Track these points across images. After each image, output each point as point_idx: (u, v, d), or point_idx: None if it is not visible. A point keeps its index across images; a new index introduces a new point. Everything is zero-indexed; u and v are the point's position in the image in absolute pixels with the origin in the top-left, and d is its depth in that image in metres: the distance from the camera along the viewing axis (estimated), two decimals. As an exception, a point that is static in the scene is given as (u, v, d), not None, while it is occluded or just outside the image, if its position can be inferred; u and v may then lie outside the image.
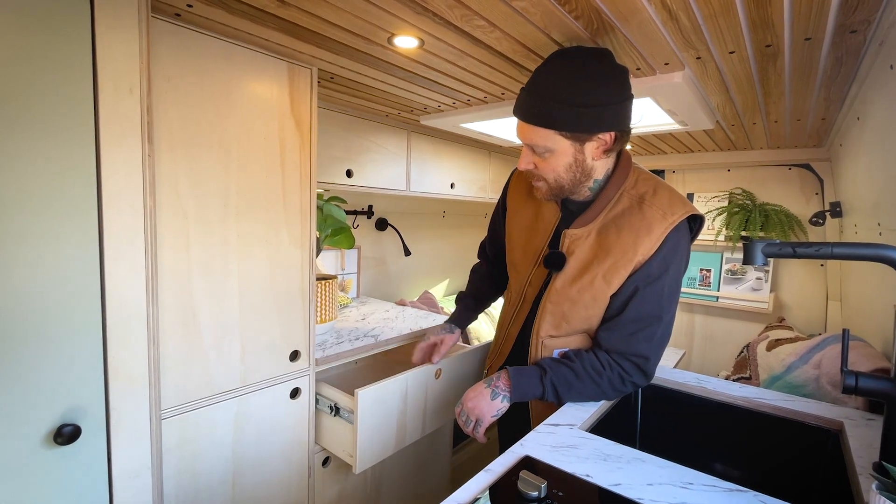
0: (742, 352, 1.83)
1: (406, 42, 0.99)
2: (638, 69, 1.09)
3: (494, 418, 0.98)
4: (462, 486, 0.69)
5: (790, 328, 1.96)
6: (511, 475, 0.71)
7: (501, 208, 1.22)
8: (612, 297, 0.96)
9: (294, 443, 1.22)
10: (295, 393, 1.21)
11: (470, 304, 1.33)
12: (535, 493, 0.65)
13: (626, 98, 0.88)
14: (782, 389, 1.22)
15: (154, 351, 0.85)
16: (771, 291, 2.13)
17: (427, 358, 1.27)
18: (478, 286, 1.34)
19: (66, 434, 0.72)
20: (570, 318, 0.99)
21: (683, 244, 0.95)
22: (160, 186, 0.90)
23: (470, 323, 1.33)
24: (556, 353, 1.02)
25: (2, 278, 0.67)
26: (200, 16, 0.91)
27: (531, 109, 0.87)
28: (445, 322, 1.32)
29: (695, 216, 0.95)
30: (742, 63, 1.04)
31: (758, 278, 2.17)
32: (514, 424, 1.13)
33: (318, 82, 1.30)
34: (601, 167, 0.95)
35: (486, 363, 1.29)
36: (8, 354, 0.68)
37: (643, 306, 0.93)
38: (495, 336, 1.22)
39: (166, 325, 0.93)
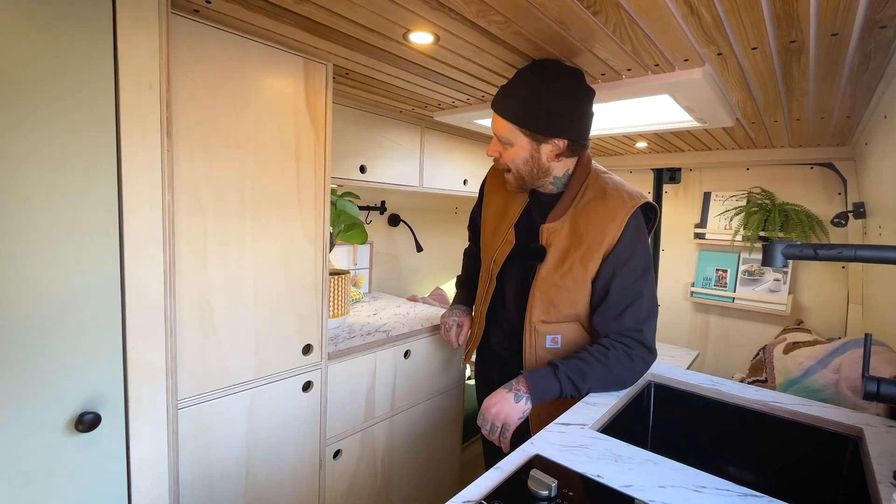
0: (758, 354, 1.79)
1: (421, 38, 0.98)
2: (656, 65, 1.07)
3: (520, 420, 1.00)
4: (472, 483, 0.69)
5: (808, 331, 1.91)
6: (521, 474, 0.71)
7: (479, 198, 1.37)
8: (594, 282, 1.06)
9: (306, 435, 1.24)
10: (307, 386, 1.23)
11: (469, 286, 1.49)
12: (545, 493, 0.65)
13: (583, 114, 1.02)
14: (799, 393, 1.20)
15: (171, 342, 0.86)
16: (789, 293, 2.09)
17: (457, 340, 1.43)
18: (473, 268, 1.49)
19: (87, 422, 0.74)
20: (556, 302, 1.09)
21: (643, 227, 1.08)
22: (178, 181, 0.91)
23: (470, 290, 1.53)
24: (549, 340, 1.10)
25: (27, 271, 0.69)
26: (219, 12, 0.92)
27: (501, 102, 1.02)
28: (455, 306, 1.49)
29: (649, 204, 1.08)
30: (765, 59, 1.01)
31: (776, 280, 2.13)
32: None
33: (334, 78, 1.31)
34: (559, 168, 1.08)
35: (465, 346, 1.43)
36: (33, 344, 0.70)
37: (623, 286, 1.04)
38: (473, 320, 1.36)
39: (183, 318, 0.94)
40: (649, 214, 1.10)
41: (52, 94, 0.69)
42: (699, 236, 2.32)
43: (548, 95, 0.97)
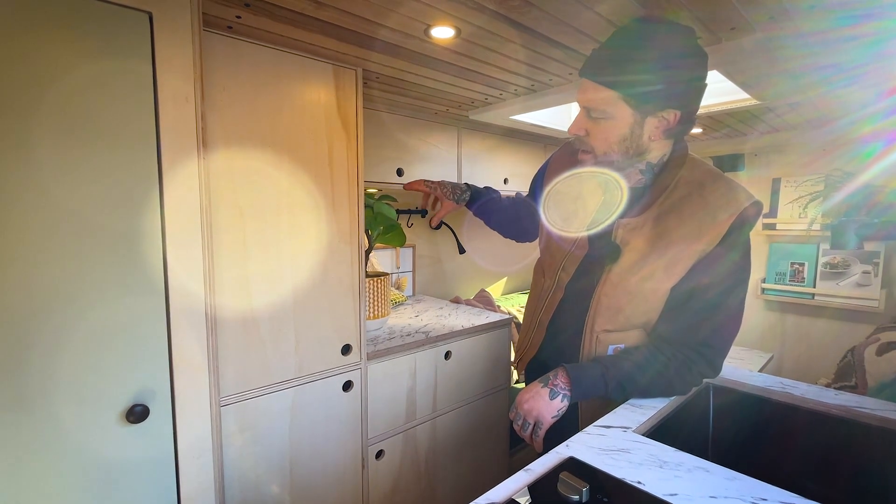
0: (846, 356, 1.59)
1: (443, 32, 0.98)
2: (699, 38, 0.98)
3: (555, 419, 0.92)
4: (499, 484, 0.66)
5: (908, 330, 1.66)
6: (552, 476, 0.66)
7: (536, 190, 1.17)
8: (673, 288, 0.90)
9: (348, 434, 1.25)
10: (347, 385, 1.24)
11: (496, 198, 1.27)
12: (576, 497, 0.60)
13: (699, 80, 0.85)
14: (893, 399, 1.04)
15: (213, 341, 0.91)
16: (882, 287, 1.83)
17: (425, 199, 1.26)
18: (514, 202, 1.30)
19: (137, 413, 0.80)
20: (627, 311, 0.94)
21: (746, 232, 0.88)
22: (219, 187, 0.96)
23: (479, 205, 1.27)
24: (610, 350, 0.96)
25: (83, 273, 0.75)
26: (249, 26, 0.96)
27: (599, 66, 0.84)
28: (465, 186, 1.27)
29: (756, 203, 0.88)
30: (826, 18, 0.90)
31: (865, 272, 1.88)
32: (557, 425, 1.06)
33: (365, 83, 1.33)
34: (657, 150, 0.90)
35: (515, 356, 1.24)
36: (90, 342, 0.77)
37: (706, 296, 0.88)
38: (523, 326, 1.16)
39: (225, 318, 0.99)
40: (753, 214, 0.89)
41: (101, 110, 0.76)
42: (769, 227, 2.11)
43: (661, 56, 0.81)
